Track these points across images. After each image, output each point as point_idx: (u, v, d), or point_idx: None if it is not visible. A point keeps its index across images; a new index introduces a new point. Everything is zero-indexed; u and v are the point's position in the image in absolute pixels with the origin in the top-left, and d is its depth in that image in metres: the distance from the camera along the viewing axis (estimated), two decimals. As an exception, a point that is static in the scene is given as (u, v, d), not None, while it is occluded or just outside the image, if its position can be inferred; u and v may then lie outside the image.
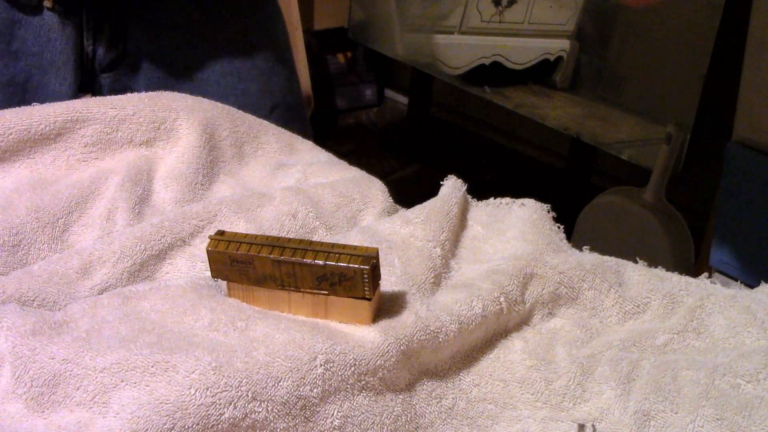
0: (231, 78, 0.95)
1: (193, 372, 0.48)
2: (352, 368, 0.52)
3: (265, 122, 0.82)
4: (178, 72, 0.92)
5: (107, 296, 0.57)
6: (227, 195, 0.71)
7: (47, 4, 0.85)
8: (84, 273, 0.60)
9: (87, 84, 0.91)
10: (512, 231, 0.70)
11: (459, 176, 0.73)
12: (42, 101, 0.86)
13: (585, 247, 0.70)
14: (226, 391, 0.47)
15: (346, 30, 2.37)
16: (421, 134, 2.49)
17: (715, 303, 0.65)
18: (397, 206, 0.76)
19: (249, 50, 0.96)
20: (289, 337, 0.52)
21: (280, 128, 0.82)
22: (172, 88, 0.91)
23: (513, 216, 0.72)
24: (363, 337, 0.55)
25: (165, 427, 0.45)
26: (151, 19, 0.90)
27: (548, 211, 0.72)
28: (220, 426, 0.47)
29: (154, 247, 0.63)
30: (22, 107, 0.71)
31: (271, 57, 0.98)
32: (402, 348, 0.55)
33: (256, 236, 0.57)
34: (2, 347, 0.50)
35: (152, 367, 0.48)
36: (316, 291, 0.56)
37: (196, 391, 0.47)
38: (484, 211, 0.74)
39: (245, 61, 0.95)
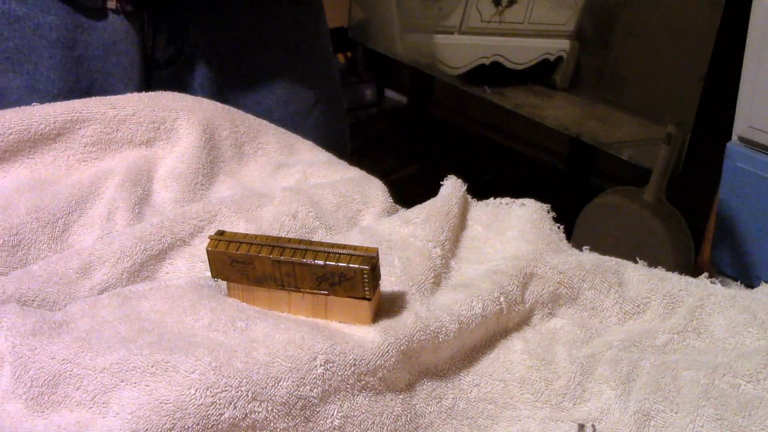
0: (280, 72, 0.96)
1: (193, 372, 0.48)
2: (352, 368, 0.52)
3: (265, 122, 0.82)
4: (231, 67, 0.94)
5: (107, 296, 0.57)
6: (227, 195, 0.71)
7: (111, 5, 0.85)
8: (84, 273, 0.60)
9: (145, 81, 0.92)
10: (512, 231, 0.70)
11: (459, 176, 0.73)
12: None
13: (585, 247, 0.70)
14: (226, 391, 0.47)
15: (346, 30, 2.37)
16: (421, 134, 2.49)
17: (715, 303, 0.65)
18: (397, 206, 0.76)
19: (297, 45, 0.97)
20: (289, 337, 0.52)
21: (280, 128, 0.82)
22: (225, 83, 0.93)
23: (513, 216, 0.72)
24: (363, 337, 0.55)
25: (165, 427, 0.45)
26: (208, 17, 0.91)
27: (548, 211, 0.72)
28: (220, 426, 0.47)
29: (154, 247, 0.63)
30: (22, 107, 0.71)
31: (316, 51, 1.00)
32: (402, 348, 0.55)
33: (256, 236, 0.57)
34: (2, 347, 0.50)
35: (152, 367, 0.48)
36: (316, 291, 0.56)
37: (196, 391, 0.47)
38: (484, 211, 0.74)
39: (294, 55, 0.97)
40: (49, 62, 0.84)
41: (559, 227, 0.71)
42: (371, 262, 0.54)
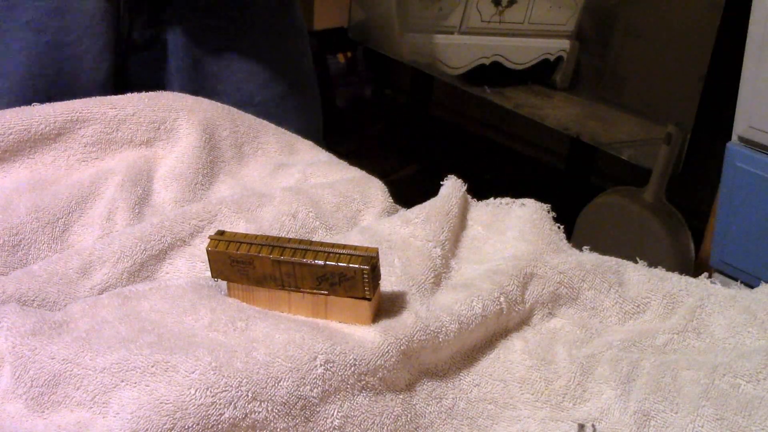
0: (259, 56, 0.96)
1: (193, 372, 0.48)
2: (352, 368, 0.52)
3: (265, 122, 0.82)
4: (208, 53, 0.93)
5: (107, 296, 0.57)
6: (227, 195, 0.71)
7: None
8: (84, 273, 0.60)
9: (119, 66, 0.91)
10: (512, 231, 0.70)
11: (459, 176, 0.73)
12: (72, 93, 0.83)
13: (585, 247, 0.70)
14: (226, 391, 0.47)
15: (346, 30, 2.37)
16: (421, 134, 2.49)
17: (715, 303, 0.65)
18: (397, 206, 0.76)
19: (274, 29, 0.97)
20: (289, 337, 0.52)
21: (280, 128, 0.82)
22: (201, 70, 0.93)
23: (513, 216, 0.72)
24: (363, 337, 0.55)
25: (165, 427, 0.45)
26: (188, 1, 0.90)
27: (548, 211, 0.72)
28: (220, 426, 0.47)
29: (154, 247, 0.63)
30: (22, 107, 0.71)
31: (291, 37, 1.00)
32: (402, 348, 0.55)
33: (256, 236, 0.57)
34: (2, 347, 0.50)
35: (152, 367, 0.48)
36: (316, 291, 0.56)
37: (196, 391, 0.47)
38: (484, 211, 0.74)
39: (272, 39, 0.97)
40: (18, 44, 0.83)
41: (559, 227, 0.71)
42: (371, 262, 0.54)
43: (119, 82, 0.90)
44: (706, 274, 0.69)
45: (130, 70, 0.91)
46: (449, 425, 0.56)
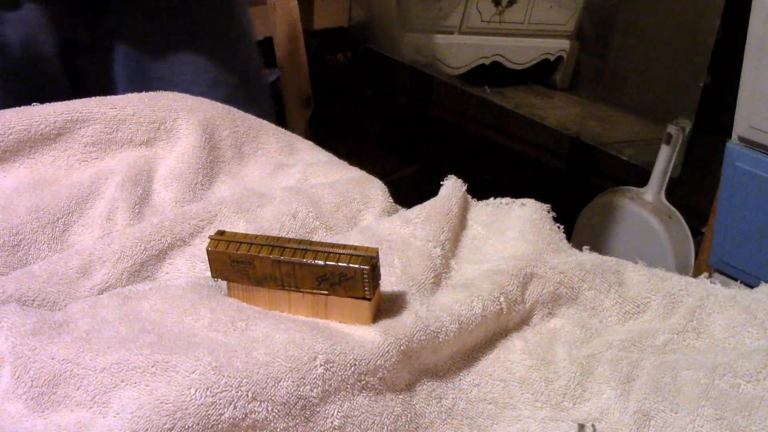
0: (205, 57, 0.96)
1: (193, 372, 0.48)
2: (352, 368, 0.52)
3: (265, 122, 0.82)
4: (153, 54, 0.93)
5: (107, 296, 0.57)
6: (227, 195, 0.71)
7: None
8: (84, 273, 0.60)
9: (66, 70, 0.91)
10: (512, 231, 0.70)
11: (459, 176, 0.73)
12: (38, 94, 0.82)
13: (585, 247, 0.70)
14: (226, 391, 0.47)
15: (346, 30, 2.37)
16: (421, 134, 2.49)
17: (715, 303, 0.65)
18: (397, 206, 0.76)
19: (217, 30, 0.98)
20: (289, 337, 0.52)
21: (280, 128, 0.82)
22: (148, 70, 0.93)
23: (513, 216, 0.72)
24: (363, 337, 0.55)
25: (165, 427, 0.45)
26: (130, 4, 0.91)
27: (548, 211, 0.72)
28: (220, 426, 0.47)
29: (154, 247, 0.63)
30: (22, 107, 0.71)
31: (235, 39, 1.00)
32: (402, 348, 0.55)
33: (256, 236, 0.57)
34: (2, 347, 0.50)
35: (152, 367, 0.48)
36: (316, 291, 0.56)
37: (196, 391, 0.47)
38: (484, 211, 0.74)
39: (213, 40, 0.97)
40: None
41: (559, 227, 0.71)
42: (371, 262, 0.54)
43: (64, 86, 0.90)
44: (706, 274, 0.69)
45: (75, 75, 0.91)
46: (449, 425, 0.56)
